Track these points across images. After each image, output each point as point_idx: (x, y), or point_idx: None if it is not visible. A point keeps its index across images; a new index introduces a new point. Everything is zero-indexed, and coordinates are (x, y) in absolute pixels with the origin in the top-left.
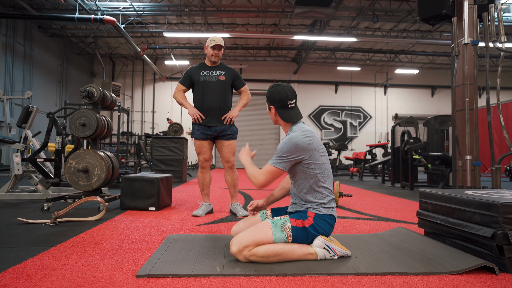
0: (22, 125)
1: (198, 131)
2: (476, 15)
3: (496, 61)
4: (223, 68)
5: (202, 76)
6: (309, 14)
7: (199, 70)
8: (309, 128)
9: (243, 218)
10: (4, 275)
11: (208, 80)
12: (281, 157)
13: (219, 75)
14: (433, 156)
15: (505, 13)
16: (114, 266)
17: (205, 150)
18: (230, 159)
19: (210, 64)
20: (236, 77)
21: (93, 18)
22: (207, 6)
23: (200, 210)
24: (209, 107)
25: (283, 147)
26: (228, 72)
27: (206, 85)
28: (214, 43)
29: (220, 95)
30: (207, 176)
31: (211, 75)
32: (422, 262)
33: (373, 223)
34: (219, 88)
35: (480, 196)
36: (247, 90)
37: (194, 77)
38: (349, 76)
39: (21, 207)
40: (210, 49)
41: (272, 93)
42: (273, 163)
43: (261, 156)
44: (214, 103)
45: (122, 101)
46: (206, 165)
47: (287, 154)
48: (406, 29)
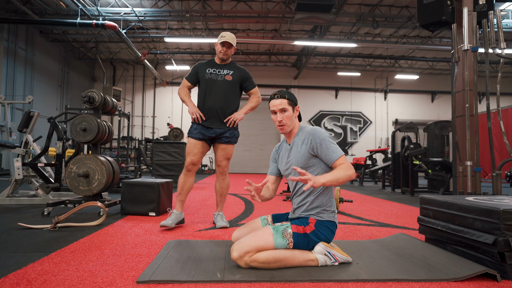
0: (23, 130)
1: (195, 130)
2: (475, 22)
3: (496, 67)
4: (232, 67)
5: (207, 73)
6: (310, 20)
7: (206, 67)
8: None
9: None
10: (4, 281)
11: (213, 79)
12: (334, 144)
13: (226, 74)
14: (434, 161)
15: (504, 20)
16: (115, 272)
17: (196, 151)
18: (222, 163)
19: (219, 61)
20: (246, 78)
21: (94, 24)
22: (208, 11)
23: (169, 220)
24: (210, 108)
25: (325, 137)
26: (237, 72)
27: (210, 84)
28: (223, 39)
29: (224, 96)
30: (188, 181)
31: (217, 73)
32: (423, 268)
33: (374, 229)
34: (224, 88)
35: (481, 203)
36: (257, 92)
37: (200, 73)
38: (349, 81)
39: (21, 212)
40: (219, 46)
41: (293, 95)
42: (340, 152)
43: (262, 161)
44: (216, 104)
45: (122, 105)
46: (192, 168)
47: (332, 139)
48: (406, 35)
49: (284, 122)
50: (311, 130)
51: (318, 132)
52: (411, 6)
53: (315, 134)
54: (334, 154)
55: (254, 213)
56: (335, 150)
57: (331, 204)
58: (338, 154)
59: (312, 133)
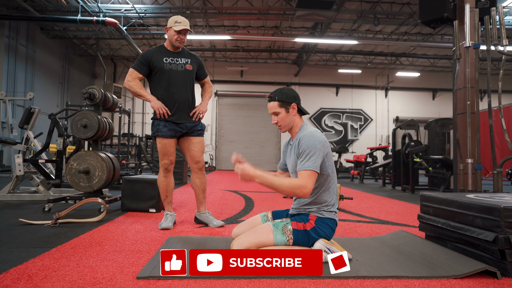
0: (24, 126)
1: (165, 127)
2: (477, 18)
3: (497, 64)
4: (187, 55)
5: (166, 63)
6: (310, 16)
7: (161, 56)
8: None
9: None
10: (5, 276)
11: (173, 69)
12: (316, 157)
13: (185, 63)
14: (434, 159)
15: (507, 17)
16: (115, 268)
17: (172, 150)
18: (201, 158)
19: (172, 49)
20: (200, 66)
21: (95, 20)
22: (209, 8)
23: (168, 221)
24: (177, 101)
25: (312, 145)
26: (193, 61)
27: (172, 75)
28: (180, 26)
29: (188, 87)
30: (171, 182)
31: (177, 63)
32: (423, 265)
33: (374, 226)
34: (187, 78)
35: (481, 200)
36: (209, 81)
37: (155, 63)
38: (350, 78)
39: (22, 208)
40: (173, 32)
41: (287, 93)
42: (313, 166)
43: (262, 158)
44: (183, 96)
45: (123, 102)
46: (171, 168)
47: (319, 153)
48: (407, 32)
49: (280, 123)
50: (306, 135)
51: (309, 140)
52: (412, 3)
53: (306, 142)
54: (304, 164)
55: (254, 209)
56: (309, 162)
57: (332, 202)
58: (307, 167)
59: (304, 139)
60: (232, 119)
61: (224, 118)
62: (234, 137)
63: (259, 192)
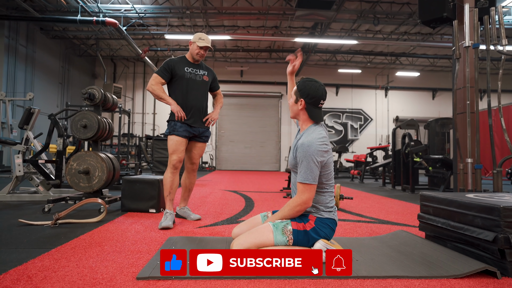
0: (23, 127)
1: (181, 127)
2: (477, 18)
3: (497, 64)
4: (204, 68)
5: (187, 72)
6: (310, 16)
7: (182, 65)
8: (326, 134)
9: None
10: (4, 277)
11: (192, 78)
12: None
13: (203, 74)
14: (434, 159)
15: (506, 16)
16: (115, 268)
17: (182, 149)
18: (197, 160)
19: (193, 61)
20: (215, 79)
21: (95, 20)
22: (208, 8)
23: (168, 220)
24: (193, 107)
25: (309, 156)
26: (210, 73)
27: (191, 83)
28: (203, 43)
29: (203, 95)
30: (176, 179)
31: (196, 73)
32: (423, 265)
33: (374, 226)
34: (203, 88)
35: (481, 200)
36: (221, 92)
37: (177, 71)
38: (350, 78)
39: (22, 209)
40: (196, 47)
41: (308, 88)
42: (310, 179)
43: (262, 158)
44: (198, 103)
45: (123, 102)
46: (179, 166)
47: (315, 163)
48: (407, 32)
49: (289, 108)
50: (305, 143)
51: (307, 150)
52: (412, 3)
53: (303, 151)
54: (302, 176)
55: (254, 209)
56: (306, 173)
57: (331, 202)
58: (305, 179)
59: (302, 148)
60: (232, 119)
61: (224, 118)
62: (234, 137)
63: (259, 192)
